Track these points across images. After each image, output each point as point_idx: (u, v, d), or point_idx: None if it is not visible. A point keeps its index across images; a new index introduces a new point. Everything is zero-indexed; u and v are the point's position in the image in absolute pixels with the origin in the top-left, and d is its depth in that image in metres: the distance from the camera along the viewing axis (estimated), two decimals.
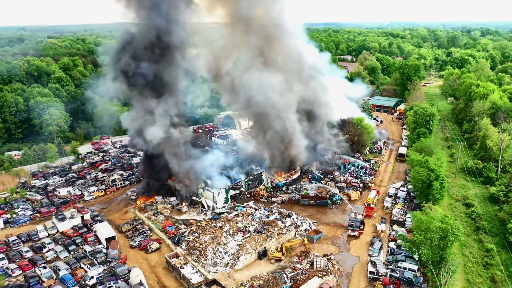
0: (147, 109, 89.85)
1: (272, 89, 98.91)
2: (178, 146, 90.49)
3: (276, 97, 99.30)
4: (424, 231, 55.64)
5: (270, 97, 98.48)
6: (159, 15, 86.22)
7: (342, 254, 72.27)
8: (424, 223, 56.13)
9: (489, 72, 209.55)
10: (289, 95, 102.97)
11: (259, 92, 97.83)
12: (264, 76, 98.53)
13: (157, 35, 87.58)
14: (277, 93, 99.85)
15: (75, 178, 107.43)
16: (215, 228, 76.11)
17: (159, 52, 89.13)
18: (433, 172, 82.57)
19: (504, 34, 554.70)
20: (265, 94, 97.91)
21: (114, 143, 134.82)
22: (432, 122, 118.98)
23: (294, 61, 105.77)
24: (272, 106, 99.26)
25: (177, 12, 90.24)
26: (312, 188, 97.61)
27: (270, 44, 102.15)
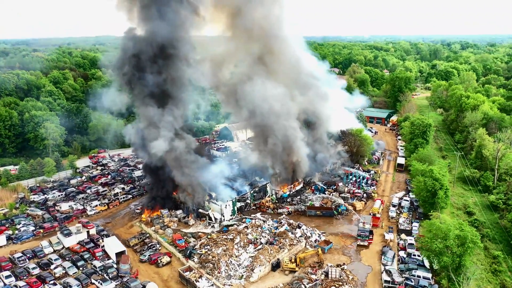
0: (151, 120, 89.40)
1: (275, 99, 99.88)
2: (183, 157, 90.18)
3: (278, 107, 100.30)
4: (442, 239, 56.66)
5: (273, 107, 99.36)
6: (164, 28, 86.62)
7: (354, 264, 72.82)
8: (442, 231, 57.19)
9: (475, 84, 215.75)
10: (291, 105, 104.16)
11: (262, 102, 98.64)
12: (267, 86, 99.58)
13: (161, 47, 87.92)
14: (279, 103, 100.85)
15: (75, 193, 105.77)
16: (227, 240, 75.86)
17: (162, 64, 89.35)
18: (437, 181, 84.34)
19: (482, 47, 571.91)
20: (268, 104, 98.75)
21: (112, 156, 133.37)
22: (429, 133, 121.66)
23: (294, 70, 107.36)
24: (275, 116, 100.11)
25: (182, 25, 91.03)
26: (316, 199, 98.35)
27: (271, 55, 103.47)
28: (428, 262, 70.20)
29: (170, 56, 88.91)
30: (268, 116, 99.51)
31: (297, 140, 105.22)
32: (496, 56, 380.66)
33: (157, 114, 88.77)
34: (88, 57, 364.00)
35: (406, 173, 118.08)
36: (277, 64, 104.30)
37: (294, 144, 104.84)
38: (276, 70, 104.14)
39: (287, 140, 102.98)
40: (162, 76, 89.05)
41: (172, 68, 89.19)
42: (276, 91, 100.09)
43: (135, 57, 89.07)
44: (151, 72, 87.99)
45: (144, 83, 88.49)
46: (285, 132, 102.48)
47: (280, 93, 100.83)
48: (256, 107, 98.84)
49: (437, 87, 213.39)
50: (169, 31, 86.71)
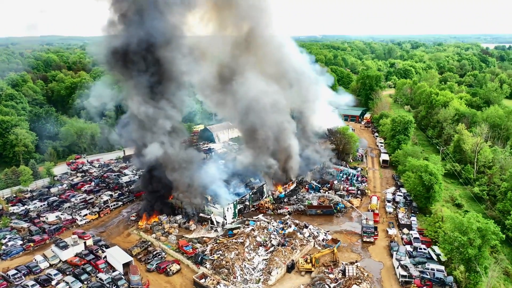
0: (144, 120, 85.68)
1: (267, 95, 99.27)
2: (180, 159, 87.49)
3: (271, 103, 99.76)
4: (464, 232, 58.65)
5: (266, 102, 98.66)
6: (153, 30, 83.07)
7: (365, 261, 73.81)
8: (464, 225, 59.18)
9: (437, 81, 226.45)
10: (283, 104, 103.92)
11: (256, 98, 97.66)
12: (259, 82, 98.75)
13: (153, 47, 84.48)
14: (272, 99, 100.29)
15: (59, 202, 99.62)
16: (237, 244, 74.39)
17: (154, 62, 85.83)
18: (433, 176, 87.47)
19: (430, 46, 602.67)
20: (261, 100, 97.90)
21: (91, 162, 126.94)
22: (410, 129, 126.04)
23: (283, 69, 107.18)
24: (268, 112, 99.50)
25: (172, 26, 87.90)
26: (313, 198, 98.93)
27: (261, 53, 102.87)
28: (434, 255, 72.92)
29: (162, 55, 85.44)
30: (261, 112, 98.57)
31: (290, 138, 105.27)
32: (447, 54, 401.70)
33: (151, 113, 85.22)
34: (42, 58, 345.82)
35: (391, 169, 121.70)
36: (267, 62, 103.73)
37: (286, 141, 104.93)
38: (266, 68, 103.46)
39: (279, 137, 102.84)
40: (154, 75, 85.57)
41: (165, 66, 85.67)
42: (268, 86, 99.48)
43: (124, 56, 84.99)
44: (142, 70, 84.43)
45: (137, 81, 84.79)
46: (278, 129, 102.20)
47: (273, 88, 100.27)
48: (249, 103, 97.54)
49: (402, 85, 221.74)
50: (162, 32, 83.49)
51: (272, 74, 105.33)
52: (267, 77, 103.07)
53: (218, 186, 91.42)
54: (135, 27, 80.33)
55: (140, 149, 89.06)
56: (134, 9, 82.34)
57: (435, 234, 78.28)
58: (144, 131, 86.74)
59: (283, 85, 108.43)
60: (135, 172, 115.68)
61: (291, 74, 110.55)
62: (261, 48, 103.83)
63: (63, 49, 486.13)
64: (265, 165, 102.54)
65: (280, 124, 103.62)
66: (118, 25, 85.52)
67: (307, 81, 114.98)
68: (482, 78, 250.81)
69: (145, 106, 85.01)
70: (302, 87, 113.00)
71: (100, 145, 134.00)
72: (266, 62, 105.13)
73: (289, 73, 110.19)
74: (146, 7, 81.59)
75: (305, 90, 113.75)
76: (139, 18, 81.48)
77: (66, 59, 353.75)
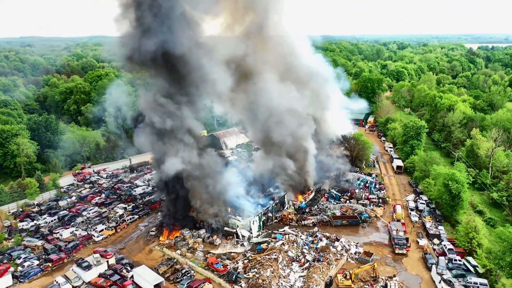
0: (166, 128, 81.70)
1: (288, 98, 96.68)
2: (205, 171, 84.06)
3: (291, 106, 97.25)
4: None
5: (286, 106, 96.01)
6: (177, 38, 79.34)
7: (402, 274, 71.84)
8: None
9: (435, 84, 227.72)
10: (302, 105, 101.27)
11: (277, 101, 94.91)
12: (280, 88, 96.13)
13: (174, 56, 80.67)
14: (292, 102, 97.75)
15: (70, 216, 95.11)
16: (270, 260, 71.67)
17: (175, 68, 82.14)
18: (460, 184, 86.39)
19: (416, 47, 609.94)
20: (282, 103, 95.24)
21: (98, 172, 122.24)
22: (422, 134, 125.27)
23: (301, 73, 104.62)
24: (287, 117, 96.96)
25: (188, 29, 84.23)
26: (334, 207, 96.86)
27: (282, 57, 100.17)
28: (471, 267, 71.52)
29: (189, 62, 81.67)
30: (280, 115, 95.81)
31: (307, 141, 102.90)
32: (436, 55, 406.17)
33: (171, 124, 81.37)
34: (28, 60, 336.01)
35: (406, 175, 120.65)
36: (286, 66, 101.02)
37: (304, 145, 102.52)
38: (285, 72, 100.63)
39: (297, 141, 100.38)
40: (178, 81, 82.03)
41: (191, 73, 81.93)
42: (286, 87, 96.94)
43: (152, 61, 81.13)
44: (167, 76, 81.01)
45: (160, 86, 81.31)
46: (296, 132, 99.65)
47: (290, 89, 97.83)
48: (268, 105, 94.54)
49: (400, 87, 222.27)
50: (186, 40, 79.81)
51: (287, 76, 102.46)
52: (283, 78, 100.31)
53: (242, 197, 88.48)
54: (159, 35, 76.50)
55: (159, 161, 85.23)
56: (158, 19, 78.28)
57: (468, 245, 77.10)
58: (163, 143, 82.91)
59: (298, 87, 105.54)
60: (147, 183, 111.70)
61: (305, 75, 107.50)
62: (274, 48, 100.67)
63: (49, 50, 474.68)
64: (283, 170, 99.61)
65: (299, 127, 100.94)
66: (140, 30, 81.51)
67: (322, 84, 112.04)
68: (476, 79, 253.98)
69: (165, 115, 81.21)
70: (316, 90, 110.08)
71: (105, 154, 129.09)
72: (280, 63, 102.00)
73: (304, 74, 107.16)
74: (171, 17, 77.89)
75: (319, 93, 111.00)
76: (164, 28, 77.59)
77: (53, 62, 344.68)
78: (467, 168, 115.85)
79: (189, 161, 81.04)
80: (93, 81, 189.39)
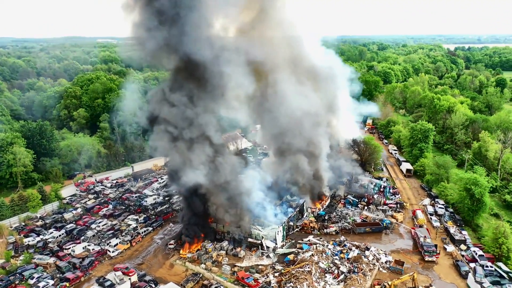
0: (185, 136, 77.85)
1: (306, 104, 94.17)
2: (228, 179, 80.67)
3: (308, 112, 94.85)
4: None
5: (303, 108, 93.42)
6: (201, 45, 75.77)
7: (437, 283, 70.35)
8: None
9: (427, 85, 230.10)
10: (317, 110, 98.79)
11: (294, 103, 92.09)
12: (297, 90, 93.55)
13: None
14: (309, 108, 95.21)
15: (78, 230, 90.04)
16: (304, 273, 69.04)
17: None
18: (483, 188, 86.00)
19: (396, 47, 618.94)
20: (299, 106, 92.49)
21: (100, 181, 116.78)
22: (430, 137, 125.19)
23: (315, 74, 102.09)
24: (305, 121, 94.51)
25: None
26: (354, 214, 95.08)
27: (296, 58, 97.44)
28: (503, 273, 70.75)
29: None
30: (299, 119, 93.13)
31: (322, 146, 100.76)
32: (419, 56, 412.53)
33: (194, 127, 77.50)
34: (7, 63, 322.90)
35: (415, 178, 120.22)
36: (300, 67, 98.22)
37: (320, 157, 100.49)
38: (301, 73, 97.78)
39: (312, 147, 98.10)
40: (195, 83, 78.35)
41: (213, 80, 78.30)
42: (305, 90, 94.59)
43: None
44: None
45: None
46: (311, 137, 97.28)
47: (310, 93, 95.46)
48: (287, 109, 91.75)
49: (393, 89, 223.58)
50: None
51: (302, 77, 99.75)
52: (299, 80, 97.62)
53: (264, 206, 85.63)
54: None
55: (177, 170, 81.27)
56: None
57: (498, 250, 76.54)
58: (183, 151, 79.03)
59: (314, 88, 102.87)
60: (157, 192, 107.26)
61: (320, 76, 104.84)
62: (288, 48, 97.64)
63: (25, 52, 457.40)
64: (299, 175, 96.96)
65: (314, 130, 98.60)
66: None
67: (334, 87, 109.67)
68: (463, 80, 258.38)
69: (185, 121, 77.29)
70: (329, 92, 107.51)
71: (107, 161, 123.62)
72: (294, 63, 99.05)
73: (318, 75, 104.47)
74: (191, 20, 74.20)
75: (332, 96, 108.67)
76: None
77: (34, 65, 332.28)
78: (488, 173, 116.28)
79: (212, 170, 77.57)
80: (83, 85, 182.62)
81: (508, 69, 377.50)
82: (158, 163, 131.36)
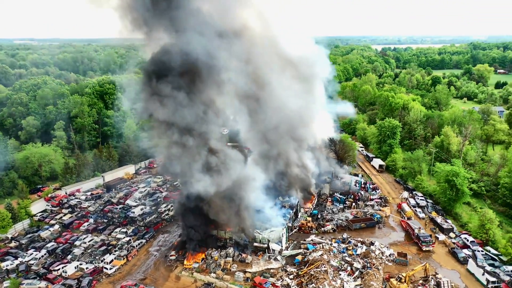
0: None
1: (292, 96, 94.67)
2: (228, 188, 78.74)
3: (296, 111, 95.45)
4: None
5: (291, 106, 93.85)
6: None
7: (439, 271, 74.46)
8: None
9: (375, 84, 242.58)
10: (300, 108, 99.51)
11: (282, 101, 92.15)
12: (284, 88, 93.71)
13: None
14: (295, 106, 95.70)
15: (62, 249, 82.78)
16: (321, 273, 69.52)
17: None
18: (463, 179, 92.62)
19: (330, 49, 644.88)
20: (287, 103, 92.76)
21: (72, 194, 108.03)
22: (397, 133, 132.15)
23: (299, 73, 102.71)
24: (292, 118, 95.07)
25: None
26: (339, 211, 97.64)
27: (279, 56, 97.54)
28: (494, 256, 76.77)
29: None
30: (285, 118, 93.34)
31: (306, 145, 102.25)
32: (356, 57, 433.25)
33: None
34: None
35: (388, 173, 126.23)
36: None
37: (304, 157, 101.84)
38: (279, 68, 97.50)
39: (299, 143, 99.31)
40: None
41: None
42: (292, 89, 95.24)
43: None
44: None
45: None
46: (297, 135, 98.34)
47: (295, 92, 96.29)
48: (275, 107, 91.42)
49: (343, 88, 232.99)
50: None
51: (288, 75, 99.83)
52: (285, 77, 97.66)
53: (267, 208, 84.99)
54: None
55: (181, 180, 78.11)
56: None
57: (485, 235, 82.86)
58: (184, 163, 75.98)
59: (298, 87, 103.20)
60: (141, 202, 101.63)
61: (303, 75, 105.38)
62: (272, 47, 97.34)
63: None
64: (291, 174, 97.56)
65: (299, 129, 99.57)
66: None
67: (315, 85, 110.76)
68: (402, 78, 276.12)
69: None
70: (311, 91, 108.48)
71: (76, 172, 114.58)
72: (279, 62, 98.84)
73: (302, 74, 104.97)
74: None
75: (313, 95, 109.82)
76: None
77: None
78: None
79: (216, 175, 75.37)
80: (29, 90, 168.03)
81: (434, 67, 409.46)
82: (130, 171, 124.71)
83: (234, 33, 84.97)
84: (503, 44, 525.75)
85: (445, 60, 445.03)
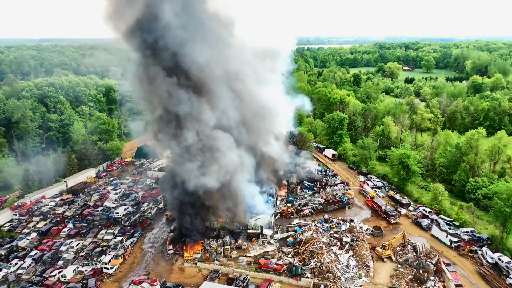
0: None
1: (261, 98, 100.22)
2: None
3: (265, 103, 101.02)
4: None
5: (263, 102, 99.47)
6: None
7: (410, 238, 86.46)
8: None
9: (306, 81, 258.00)
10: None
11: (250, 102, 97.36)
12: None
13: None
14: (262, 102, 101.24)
15: (50, 255, 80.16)
16: (318, 249, 77.12)
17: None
18: (413, 160, 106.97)
19: None
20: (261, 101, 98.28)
21: (38, 201, 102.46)
22: (345, 125, 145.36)
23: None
24: (263, 112, 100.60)
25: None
26: (318, 195, 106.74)
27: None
28: (449, 222, 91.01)
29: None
30: (257, 110, 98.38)
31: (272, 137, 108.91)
32: None
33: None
34: None
35: (340, 161, 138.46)
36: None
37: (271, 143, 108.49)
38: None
39: (268, 137, 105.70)
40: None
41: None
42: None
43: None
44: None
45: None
46: (263, 129, 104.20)
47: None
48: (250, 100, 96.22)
49: None
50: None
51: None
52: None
53: (256, 196, 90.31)
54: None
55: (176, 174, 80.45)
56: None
57: (439, 206, 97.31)
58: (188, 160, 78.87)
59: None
60: (120, 203, 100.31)
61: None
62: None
63: None
64: (266, 164, 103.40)
65: (265, 122, 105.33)
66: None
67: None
68: (327, 76, 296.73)
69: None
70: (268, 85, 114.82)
71: (38, 179, 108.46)
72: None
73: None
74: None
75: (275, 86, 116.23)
76: None
77: None
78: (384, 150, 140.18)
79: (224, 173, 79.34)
80: None
81: (348, 66, 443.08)
82: (91, 175, 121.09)
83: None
84: (404, 44, 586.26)
85: (357, 59, 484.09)
